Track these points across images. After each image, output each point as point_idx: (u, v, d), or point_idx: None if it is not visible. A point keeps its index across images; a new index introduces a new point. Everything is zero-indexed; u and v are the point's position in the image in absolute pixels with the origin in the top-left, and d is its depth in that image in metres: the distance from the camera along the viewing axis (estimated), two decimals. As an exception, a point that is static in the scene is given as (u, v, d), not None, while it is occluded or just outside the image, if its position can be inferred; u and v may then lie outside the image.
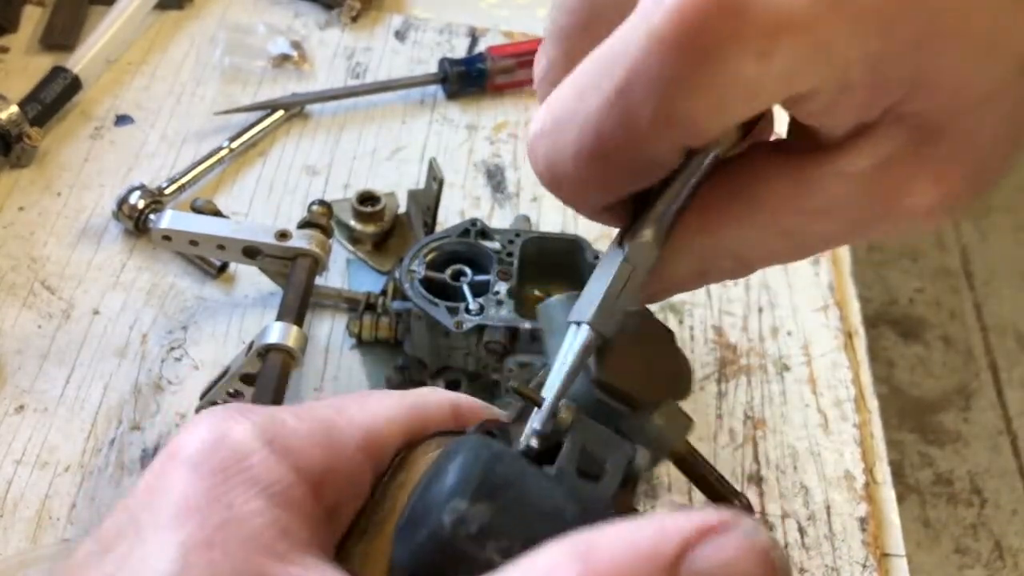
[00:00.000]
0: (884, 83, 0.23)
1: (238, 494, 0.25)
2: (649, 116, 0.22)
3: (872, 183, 0.24)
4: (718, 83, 0.22)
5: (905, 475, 1.69)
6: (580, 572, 0.20)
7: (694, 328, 0.71)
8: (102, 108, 0.81)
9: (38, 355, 0.65)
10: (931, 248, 2.05)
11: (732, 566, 0.20)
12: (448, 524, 0.24)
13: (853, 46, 0.22)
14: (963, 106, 0.23)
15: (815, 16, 0.21)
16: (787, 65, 0.22)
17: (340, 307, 0.70)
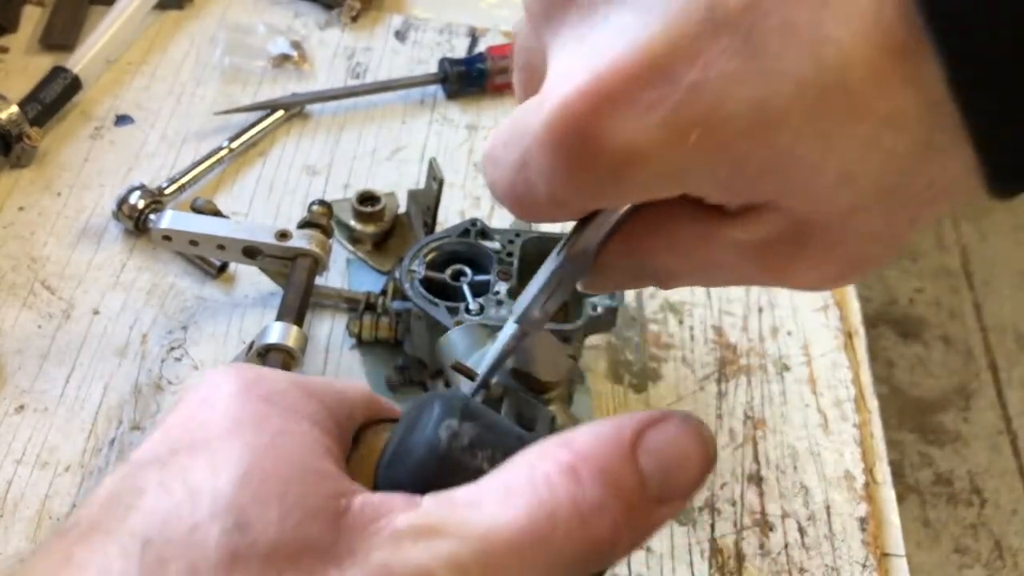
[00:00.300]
0: (744, 194, 0.25)
1: (286, 417, 0.27)
2: (543, 192, 0.26)
3: (759, 255, 0.27)
4: (587, 186, 0.25)
5: (905, 475, 1.69)
6: (565, 454, 0.26)
7: (694, 328, 0.71)
8: (102, 108, 0.81)
9: (38, 355, 0.65)
10: (931, 248, 2.05)
11: (676, 441, 0.26)
12: (444, 438, 0.27)
13: (703, 173, 0.24)
14: (832, 215, 0.25)
15: (661, 150, 0.23)
16: (641, 185, 0.25)
17: (340, 307, 0.70)
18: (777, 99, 0.22)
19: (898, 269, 2.01)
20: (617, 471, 0.26)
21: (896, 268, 2.01)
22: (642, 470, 0.26)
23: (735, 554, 0.60)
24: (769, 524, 0.62)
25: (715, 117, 0.23)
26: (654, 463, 0.26)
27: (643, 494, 0.26)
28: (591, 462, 0.26)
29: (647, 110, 0.23)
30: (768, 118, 0.23)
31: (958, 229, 2.09)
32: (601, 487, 0.25)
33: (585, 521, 0.25)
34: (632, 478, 0.26)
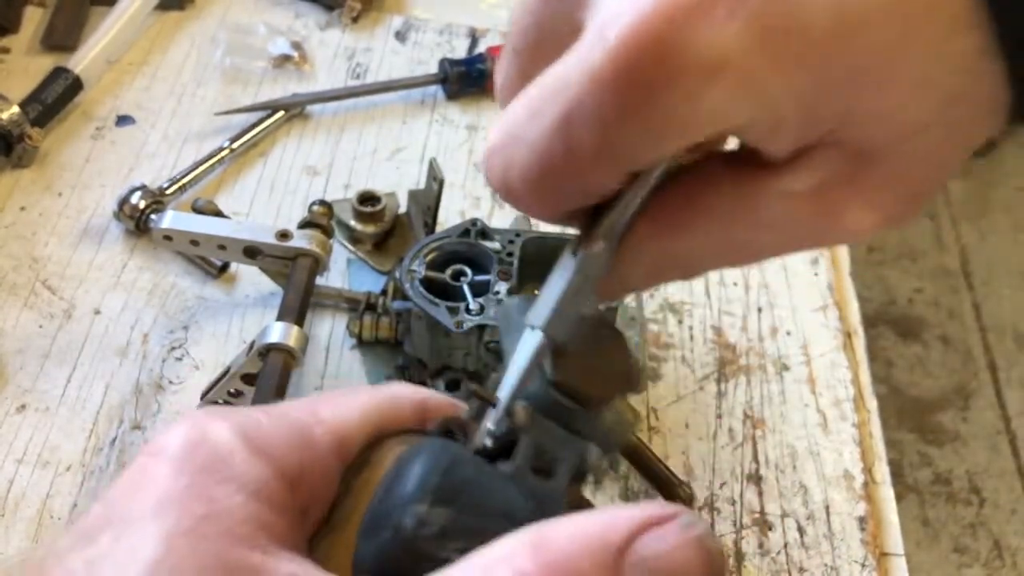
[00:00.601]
0: (815, 117, 0.24)
1: (220, 489, 0.26)
2: (589, 146, 0.24)
3: (812, 203, 0.25)
4: (654, 120, 0.23)
5: (904, 475, 1.69)
6: (533, 559, 0.22)
7: (694, 328, 0.71)
8: (103, 108, 0.82)
9: (39, 355, 0.65)
10: (930, 248, 2.06)
11: (671, 554, 0.22)
12: (410, 527, 0.25)
13: (782, 84, 0.23)
14: (895, 137, 0.24)
15: (744, 58, 0.22)
16: (718, 104, 0.23)
17: (340, 307, 0.70)
18: (856, 2, 0.22)
19: (897, 269, 2.01)
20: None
21: (895, 268, 2.01)
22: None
23: (734, 553, 0.60)
24: (768, 523, 0.62)
25: (795, 22, 0.22)
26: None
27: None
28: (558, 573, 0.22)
29: (727, 17, 0.22)
30: (848, 21, 0.22)
31: (957, 229, 2.09)
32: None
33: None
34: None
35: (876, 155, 0.25)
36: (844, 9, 0.22)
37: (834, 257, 0.78)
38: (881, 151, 0.25)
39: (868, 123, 0.24)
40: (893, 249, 2.04)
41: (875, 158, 0.25)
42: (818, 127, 0.24)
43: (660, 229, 0.27)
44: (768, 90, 0.23)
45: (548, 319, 0.28)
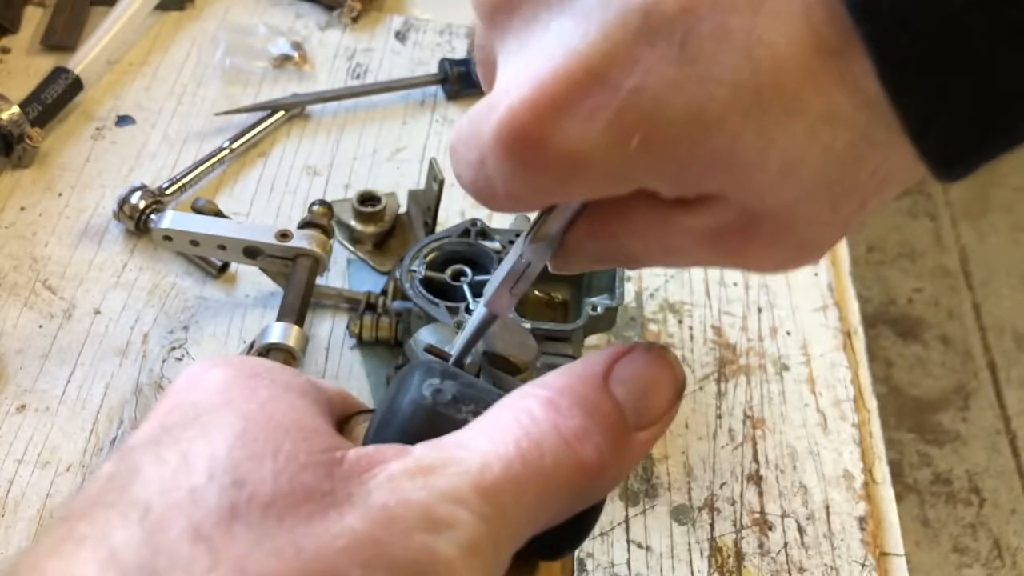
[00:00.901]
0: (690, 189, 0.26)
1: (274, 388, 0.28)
2: (500, 191, 0.26)
3: (711, 242, 0.27)
4: (539, 186, 0.26)
5: (904, 474, 1.69)
6: (543, 391, 0.27)
7: (693, 328, 0.71)
8: (103, 108, 0.82)
9: (39, 355, 0.65)
10: (930, 248, 2.06)
11: (644, 369, 0.28)
12: (429, 395, 0.28)
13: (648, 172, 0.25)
14: (776, 205, 0.25)
15: (605, 154, 0.24)
16: (589, 186, 0.26)
17: (340, 307, 0.70)
18: (714, 103, 0.23)
19: (897, 269, 2.01)
20: (594, 400, 0.27)
21: (895, 268, 2.01)
22: (617, 399, 0.28)
23: (734, 553, 0.60)
24: (768, 523, 0.62)
25: (655, 121, 0.23)
26: (627, 391, 0.28)
27: (621, 421, 0.27)
28: (568, 395, 0.27)
29: (589, 116, 0.24)
30: (706, 120, 0.23)
31: (957, 229, 2.09)
32: (581, 415, 0.27)
33: (570, 446, 0.26)
34: (609, 406, 0.27)
35: (764, 216, 0.26)
36: (703, 108, 0.23)
37: (834, 257, 0.78)
38: (766, 215, 0.26)
39: (747, 195, 0.25)
40: (893, 249, 2.04)
41: (764, 218, 0.26)
42: (699, 192, 0.26)
43: (595, 232, 0.29)
44: (636, 176, 0.25)
45: (492, 297, 0.33)
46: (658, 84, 0.23)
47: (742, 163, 0.24)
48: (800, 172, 0.24)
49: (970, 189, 2.16)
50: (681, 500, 0.62)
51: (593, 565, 0.59)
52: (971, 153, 0.23)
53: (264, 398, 0.27)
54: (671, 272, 0.75)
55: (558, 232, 0.30)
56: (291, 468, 0.25)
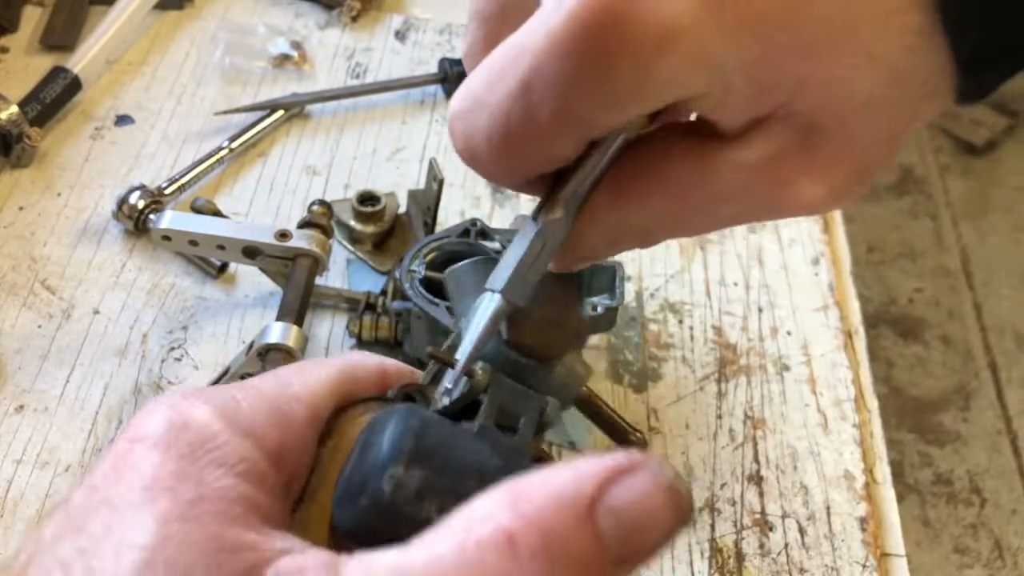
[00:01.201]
0: (765, 88, 0.25)
1: (207, 472, 0.26)
2: (548, 112, 0.24)
3: (764, 175, 0.26)
4: (609, 87, 0.24)
5: (905, 475, 1.69)
6: (512, 518, 0.23)
7: (694, 328, 0.71)
8: (102, 108, 0.82)
9: (38, 355, 0.65)
10: (930, 248, 2.05)
11: (643, 500, 0.24)
12: (388, 491, 0.26)
13: (732, 55, 0.24)
14: (842, 111, 0.25)
15: (697, 28, 0.23)
16: (671, 73, 0.24)
17: (340, 307, 0.70)
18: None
19: (898, 269, 2.01)
20: (568, 538, 0.23)
21: (896, 268, 2.01)
22: (601, 533, 0.23)
23: (735, 554, 0.60)
24: (769, 524, 0.62)
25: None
26: (616, 523, 0.23)
27: (599, 559, 0.23)
28: (536, 528, 0.23)
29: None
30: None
31: (957, 229, 2.09)
32: (541, 561, 0.23)
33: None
34: (586, 544, 0.23)
35: (825, 129, 0.26)
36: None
37: (834, 257, 0.78)
38: (830, 125, 0.25)
39: (816, 96, 0.25)
40: (894, 249, 2.04)
41: (824, 132, 0.26)
42: (769, 98, 0.25)
43: (617, 199, 0.27)
44: (719, 60, 0.24)
45: (508, 283, 0.29)
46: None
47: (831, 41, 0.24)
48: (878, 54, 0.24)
49: (970, 189, 2.16)
50: (681, 500, 0.62)
51: (593, 566, 0.59)
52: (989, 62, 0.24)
53: (189, 498, 0.25)
54: (671, 272, 0.75)
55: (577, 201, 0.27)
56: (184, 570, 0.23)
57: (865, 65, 0.24)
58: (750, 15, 0.23)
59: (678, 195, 0.27)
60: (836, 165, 0.26)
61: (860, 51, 0.24)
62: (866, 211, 2.09)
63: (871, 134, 0.26)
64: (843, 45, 0.24)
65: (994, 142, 2.23)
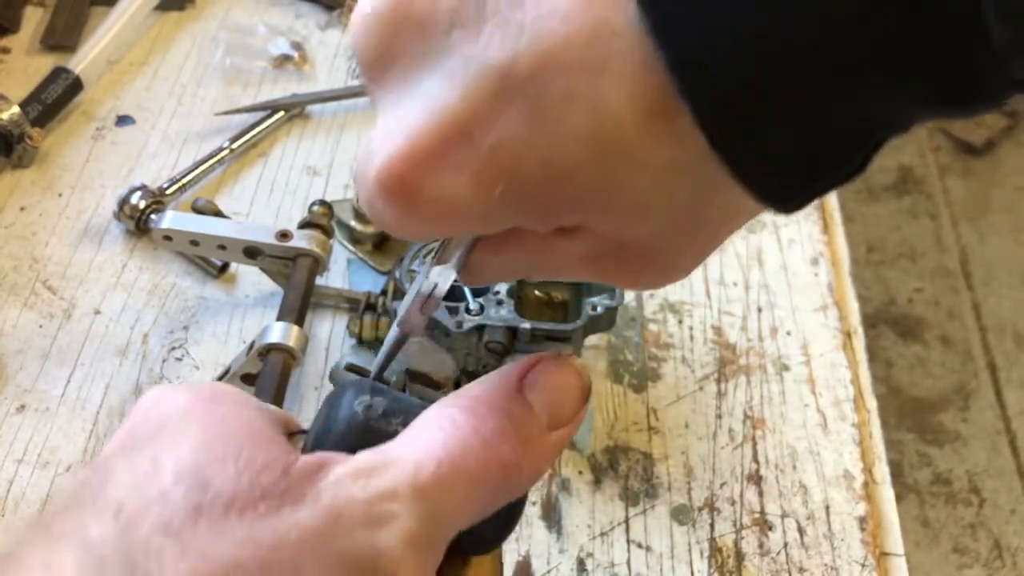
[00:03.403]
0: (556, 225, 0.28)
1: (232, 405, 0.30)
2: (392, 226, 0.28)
3: (590, 263, 0.30)
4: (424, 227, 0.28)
5: (904, 475, 1.69)
6: (462, 400, 0.30)
7: (693, 328, 0.71)
8: (103, 108, 0.82)
9: (39, 355, 0.65)
10: (930, 248, 2.06)
11: (555, 374, 0.31)
12: (360, 411, 0.31)
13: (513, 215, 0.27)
14: (636, 241, 0.28)
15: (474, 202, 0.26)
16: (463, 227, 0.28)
17: (341, 307, 0.70)
18: (564, 157, 0.25)
19: (897, 269, 2.01)
20: (508, 405, 0.30)
21: (895, 268, 2.01)
22: (530, 402, 0.31)
23: (734, 553, 0.60)
24: (768, 523, 0.62)
25: (514, 174, 0.26)
26: (539, 395, 0.31)
27: (535, 423, 0.30)
28: (485, 402, 0.30)
29: (456, 169, 0.26)
30: (558, 172, 0.26)
31: (957, 229, 2.09)
32: (497, 418, 0.30)
33: (489, 447, 0.29)
34: (522, 409, 0.30)
35: (629, 245, 0.29)
36: (553, 163, 0.25)
37: (834, 257, 0.78)
38: (631, 244, 0.29)
39: (609, 229, 0.28)
40: (893, 249, 2.04)
41: (629, 247, 0.29)
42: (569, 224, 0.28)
43: (494, 250, 0.32)
44: (502, 218, 0.28)
45: (403, 318, 0.35)
46: (515, 140, 0.25)
47: (597, 207, 0.27)
48: (651, 212, 0.27)
49: (970, 189, 2.16)
50: (681, 500, 0.62)
51: (593, 565, 0.59)
52: (797, 192, 0.26)
53: (222, 413, 0.30)
54: (671, 272, 0.75)
55: (459, 257, 0.32)
56: (250, 470, 0.27)
57: (637, 220, 0.27)
58: (518, 191, 0.26)
59: (535, 257, 0.31)
60: (647, 266, 0.30)
61: (627, 213, 0.27)
62: (866, 211, 2.09)
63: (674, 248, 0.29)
64: (606, 209, 0.27)
65: (994, 142, 2.23)
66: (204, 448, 0.28)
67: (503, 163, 0.26)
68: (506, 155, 0.26)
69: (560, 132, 0.25)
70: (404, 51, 0.27)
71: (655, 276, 0.31)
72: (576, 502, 0.61)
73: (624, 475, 0.63)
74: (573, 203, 0.27)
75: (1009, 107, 2.25)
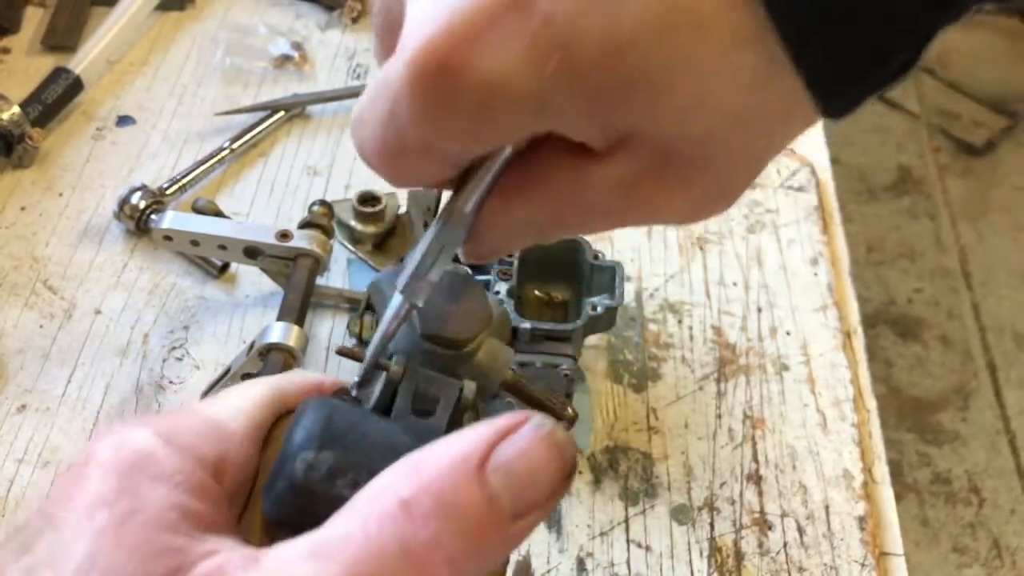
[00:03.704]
0: (604, 124, 0.26)
1: (144, 486, 0.28)
2: (412, 139, 0.26)
3: (626, 190, 0.28)
4: (453, 127, 0.25)
5: (903, 474, 1.69)
6: (410, 484, 0.25)
7: (693, 328, 0.72)
8: (104, 109, 0.82)
9: (40, 355, 0.65)
10: (930, 248, 2.06)
11: (528, 452, 0.26)
12: (300, 472, 0.28)
13: (563, 99, 0.25)
14: (687, 143, 0.26)
15: (524, 78, 0.24)
16: (504, 116, 0.25)
17: (341, 307, 0.70)
18: (625, 22, 0.23)
19: (897, 269, 2.01)
20: (459, 497, 0.25)
21: (895, 268, 2.01)
22: (491, 489, 0.25)
23: (734, 553, 0.60)
24: (768, 523, 0.62)
25: (571, 44, 0.24)
26: (504, 479, 0.26)
27: (494, 514, 0.25)
28: (430, 492, 0.25)
29: (506, 41, 0.24)
30: (619, 41, 0.24)
31: (956, 229, 2.09)
32: (436, 521, 0.25)
33: (413, 561, 0.25)
34: (477, 501, 0.25)
35: (675, 154, 0.27)
36: (614, 30, 0.24)
37: (833, 257, 0.78)
38: (679, 152, 0.27)
39: (657, 130, 0.26)
40: (893, 249, 2.04)
41: (674, 157, 0.27)
42: (613, 130, 0.26)
43: (508, 202, 0.29)
44: (551, 104, 0.25)
45: (406, 283, 0.31)
46: (571, 6, 0.23)
47: (654, 90, 0.25)
48: (711, 98, 0.25)
49: (970, 189, 2.16)
50: (681, 500, 0.62)
51: (593, 565, 0.59)
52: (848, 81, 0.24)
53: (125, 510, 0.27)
54: (671, 272, 0.75)
55: (471, 210, 0.29)
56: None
57: (696, 107, 0.25)
58: (573, 64, 0.24)
59: (559, 201, 0.28)
60: (690, 185, 0.28)
61: (688, 94, 0.25)
62: (865, 211, 2.09)
63: (726, 156, 0.27)
64: (670, 88, 0.25)
65: (993, 142, 2.23)
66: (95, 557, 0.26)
67: (559, 32, 0.24)
68: (562, 22, 0.24)
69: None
70: None
71: (698, 198, 0.28)
72: (576, 502, 0.61)
73: (624, 475, 0.63)
74: (632, 82, 0.24)
75: (1009, 107, 2.25)
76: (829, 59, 0.24)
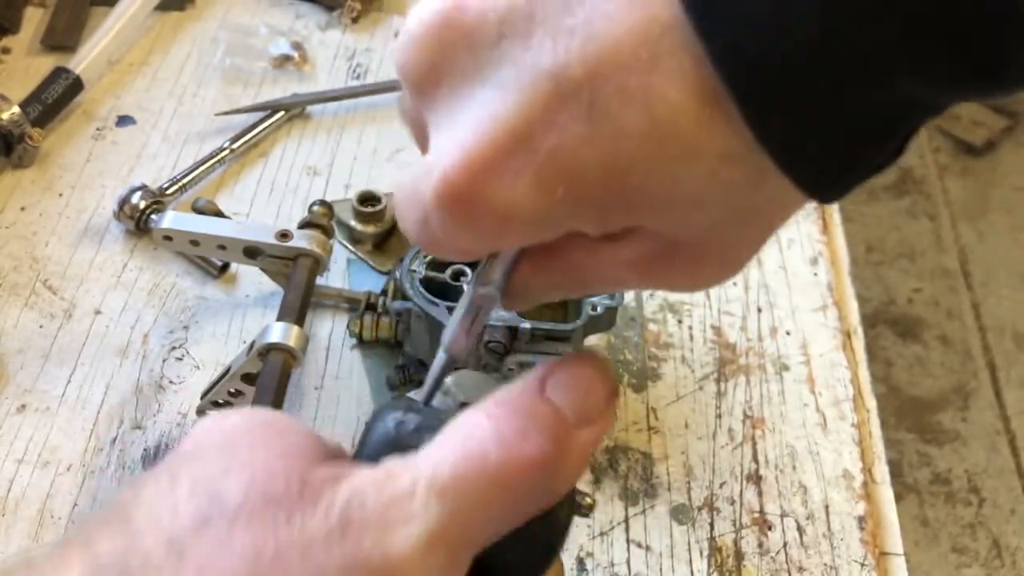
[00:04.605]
0: (613, 227, 0.29)
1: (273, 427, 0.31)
2: (442, 239, 0.29)
3: (641, 268, 0.30)
4: (476, 238, 0.29)
5: (903, 474, 1.69)
6: (486, 406, 0.30)
7: (693, 328, 0.72)
8: (104, 109, 0.82)
9: (40, 355, 0.65)
10: (929, 248, 2.06)
11: (575, 373, 0.31)
12: (393, 427, 0.32)
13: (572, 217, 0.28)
14: (688, 237, 0.29)
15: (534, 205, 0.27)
16: (521, 233, 0.29)
17: (341, 307, 0.70)
18: (622, 153, 0.26)
19: (897, 269, 2.01)
20: (531, 406, 0.30)
21: (895, 268, 2.01)
22: (554, 402, 0.30)
23: (734, 553, 0.60)
24: (768, 523, 0.62)
25: (574, 174, 0.26)
26: (563, 394, 0.30)
27: (561, 420, 0.30)
28: (506, 405, 0.30)
29: (515, 175, 0.27)
30: (618, 169, 0.26)
31: (956, 229, 2.09)
32: (519, 419, 0.29)
33: (511, 445, 0.28)
34: (546, 409, 0.30)
35: (682, 244, 0.29)
36: (611, 160, 0.26)
37: (833, 257, 0.78)
38: (684, 242, 0.29)
39: (665, 227, 0.29)
40: (893, 249, 2.04)
41: (683, 244, 0.29)
42: (621, 227, 0.29)
43: (536, 269, 0.32)
44: (562, 221, 0.28)
45: (449, 341, 0.35)
46: (573, 141, 0.26)
47: (655, 201, 0.27)
48: (707, 204, 0.27)
49: (970, 189, 2.16)
50: (681, 500, 0.62)
51: (593, 565, 0.59)
52: (837, 181, 0.27)
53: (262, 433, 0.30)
54: (671, 272, 0.75)
55: (502, 276, 0.32)
56: (264, 479, 0.28)
57: (695, 210, 0.28)
58: (577, 191, 0.27)
59: (580, 273, 0.32)
60: (700, 266, 0.31)
61: (686, 203, 0.27)
62: (865, 211, 2.09)
63: (728, 241, 0.30)
64: (664, 204, 0.27)
65: (993, 142, 2.23)
66: (223, 463, 0.28)
67: (563, 165, 0.26)
68: (565, 157, 0.26)
69: (618, 130, 0.26)
70: (454, 66, 0.28)
71: (708, 274, 0.31)
72: (576, 502, 0.61)
73: (624, 475, 0.63)
74: (632, 200, 0.27)
75: (1009, 107, 2.25)
76: (817, 166, 0.26)
